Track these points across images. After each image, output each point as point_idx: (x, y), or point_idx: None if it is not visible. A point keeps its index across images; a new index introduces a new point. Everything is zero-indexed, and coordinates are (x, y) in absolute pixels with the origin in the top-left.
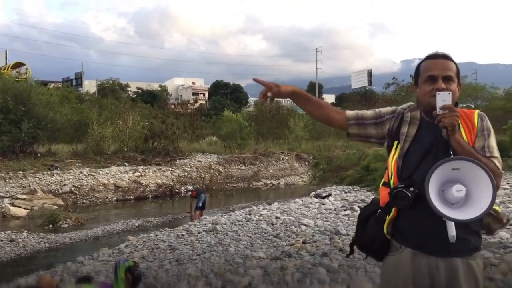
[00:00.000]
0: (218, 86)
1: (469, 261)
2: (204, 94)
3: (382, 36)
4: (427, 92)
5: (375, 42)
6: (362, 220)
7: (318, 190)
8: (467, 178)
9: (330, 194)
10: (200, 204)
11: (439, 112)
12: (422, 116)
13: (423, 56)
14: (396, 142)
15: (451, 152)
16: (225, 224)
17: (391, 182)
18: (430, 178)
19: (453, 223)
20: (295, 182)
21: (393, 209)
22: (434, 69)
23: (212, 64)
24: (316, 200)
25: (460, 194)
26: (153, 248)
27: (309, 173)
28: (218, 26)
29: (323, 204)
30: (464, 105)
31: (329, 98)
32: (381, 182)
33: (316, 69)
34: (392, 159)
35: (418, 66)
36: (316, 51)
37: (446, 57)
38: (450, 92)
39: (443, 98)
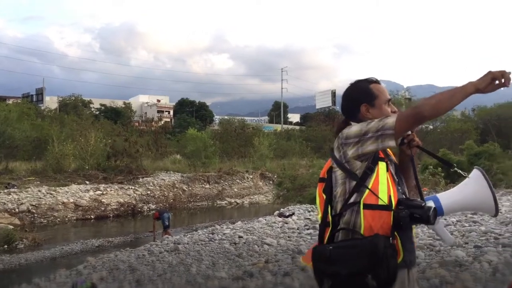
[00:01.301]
0: (184, 104)
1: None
2: (169, 112)
3: (347, 57)
4: (388, 114)
5: (339, 63)
6: (381, 254)
7: (281, 209)
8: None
9: (293, 213)
10: (167, 223)
11: (409, 132)
12: None
13: (387, 78)
14: (384, 163)
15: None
16: (187, 243)
17: (393, 204)
18: (489, 183)
19: (445, 229)
20: (259, 201)
21: (395, 233)
22: (387, 93)
23: (178, 82)
24: (280, 219)
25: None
26: (112, 269)
27: (273, 192)
28: (185, 44)
29: (286, 223)
30: (424, 126)
31: (294, 118)
32: (362, 205)
33: (282, 88)
34: (388, 180)
35: (368, 88)
36: (282, 71)
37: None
38: None
39: None
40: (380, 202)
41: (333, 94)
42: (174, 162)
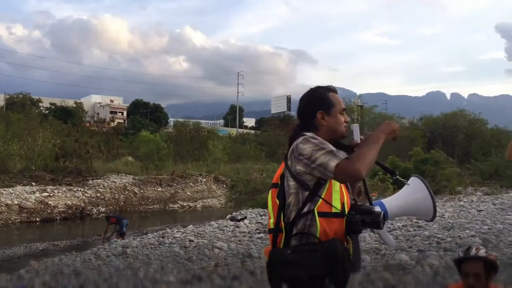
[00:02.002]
0: (138, 105)
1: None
2: (122, 113)
3: (303, 63)
4: (342, 123)
5: (296, 69)
6: (339, 258)
7: (234, 213)
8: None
9: (245, 217)
10: (124, 230)
11: (359, 142)
12: None
13: (340, 85)
14: None
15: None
16: (136, 247)
17: (346, 210)
18: (430, 190)
19: (388, 233)
20: (212, 204)
21: (348, 238)
22: (343, 103)
23: (133, 82)
24: (231, 223)
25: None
26: (56, 274)
27: (226, 196)
28: (141, 45)
29: (238, 227)
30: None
31: (250, 122)
32: (317, 213)
33: (238, 92)
34: (342, 188)
35: (326, 96)
36: (238, 75)
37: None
38: (358, 125)
39: (357, 130)
40: (333, 210)
41: (289, 99)
42: (126, 164)
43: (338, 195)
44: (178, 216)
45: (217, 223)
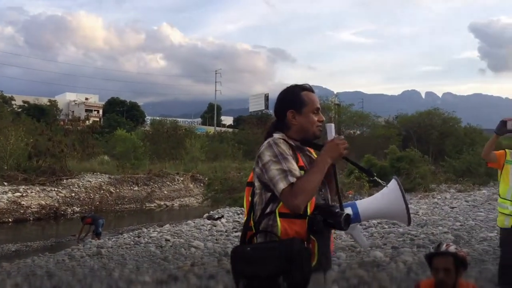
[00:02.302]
0: (114, 104)
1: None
2: (98, 111)
3: (281, 62)
4: (314, 122)
5: (274, 67)
6: (295, 257)
7: (211, 212)
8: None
9: (222, 216)
10: (100, 230)
11: None
12: (296, 144)
13: (318, 84)
14: (302, 172)
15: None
16: (111, 247)
17: (308, 210)
18: (403, 193)
19: (362, 234)
20: (189, 203)
21: (311, 237)
22: (318, 102)
23: (109, 80)
24: (208, 221)
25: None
26: (28, 275)
27: (203, 194)
28: (117, 42)
29: (215, 226)
30: (352, 131)
31: (228, 120)
32: (278, 214)
33: (215, 90)
34: None
35: (298, 94)
36: (216, 73)
37: (315, 91)
38: (333, 124)
39: (332, 129)
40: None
41: (266, 97)
42: (101, 163)
43: None
44: (155, 216)
45: (194, 222)
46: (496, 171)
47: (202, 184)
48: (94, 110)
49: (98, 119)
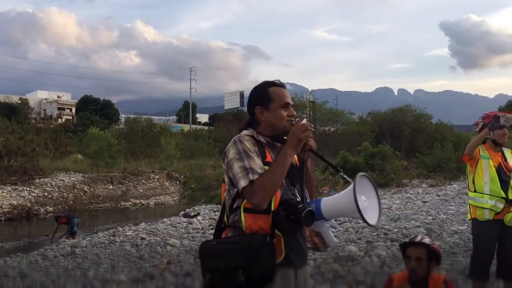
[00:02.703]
0: (87, 102)
1: (306, 267)
2: (71, 109)
3: (256, 59)
4: (283, 117)
5: (249, 64)
6: (254, 251)
7: (187, 210)
8: (365, 192)
9: (198, 214)
10: (75, 229)
11: None
12: (267, 140)
13: (293, 81)
14: (268, 167)
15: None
16: (85, 247)
17: (272, 206)
18: (355, 192)
19: (331, 232)
20: (165, 201)
21: (277, 233)
22: (287, 97)
23: (82, 78)
24: (184, 219)
25: (365, 204)
26: (0, 276)
27: (179, 193)
28: (90, 39)
29: (191, 224)
30: (327, 128)
31: (203, 118)
32: (243, 209)
33: (190, 88)
34: None
35: (265, 90)
36: (190, 71)
37: (285, 86)
38: (306, 117)
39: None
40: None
41: (242, 95)
42: (75, 162)
43: None
44: (130, 214)
45: (170, 220)
46: (465, 165)
47: (178, 182)
48: (67, 108)
49: (71, 118)
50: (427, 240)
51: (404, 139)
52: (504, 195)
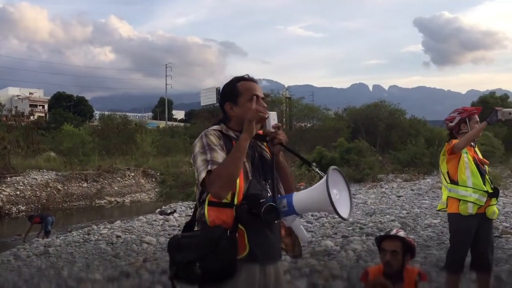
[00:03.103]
0: (60, 98)
1: (280, 264)
2: (43, 106)
3: (233, 55)
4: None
5: (226, 60)
6: (212, 245)
7: (163, 207)
8: (336, 185)
9: (175, 211)
10: (49, 228)
11: (272, 130)
12: (237, 135)
13: (269, 77)
14: None
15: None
16: (59, 246)
17: (235, 200)
18: (328, 185)
19: (302, 227)
20: (141, 199)
21: (241, 228)
22: (257, 90)
23: (55, 74)
24: (161, 217)
25: (337, 197)
26: None
27: (156, 190)
28: (63, 35)
29: (167, 221)
30: (303, 124)
31: (179, 115)
32: (207, 203)
33: (166, 84)
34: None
35: (234, 85)
36: (166, 67)
37: (256, 81)
38: (276, 113)
39: (273, 118)
40: (224, 200)
41: (218, 91)
42: (48, 160)
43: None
44: (105, 212)
45: (146, 218)
46: (438, 159)
47: (153, 179)
48: (39, 105)
49: (43, 115)
50: (402, 233)
51: (379, 135)
52: (485, 189)
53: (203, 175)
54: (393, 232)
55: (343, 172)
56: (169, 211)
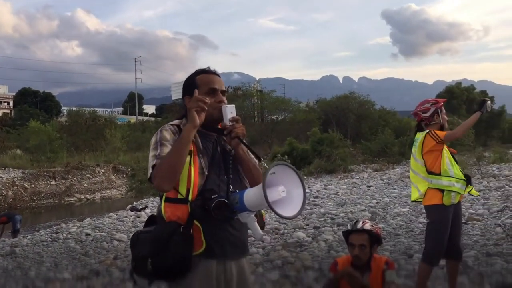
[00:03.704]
0: (26, 94)
1: (246, 259)
2: (8, 103)
3: (203, 48)
4: (210, 105)
5: (197, 54)
6: (164, 241)
7: (134, 203)
8: (283, 181)
9: (146, 207)
10: (18, 227)
11: (229, 123)
12: (199, 130)
13: (240, 70)
14: (188, 156)
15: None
16: (26, 246)
17: (190, 196)
18: (266, 181)
19: (257, 224)
20: (112, 195)
21: (196, 223)
22: (215, 83)
23: (20, 70)
24: (132, 213)
25: (283, 194)
26: None
27: (127, 186)
28: (28, 29)
29: (139, 217)
30: (274, 117)
31: (150, 109)
32: (164, 199)
33: (136, 79)
34: (191, 174)
35: (193, 79)
36: (135, 61)
37: (217, 74)
38: (234, 105)
39: (231, 111)
40: (179, 196)
41: None
42: (14, 158)
43: (184, 182)
44: (75, 210)
45: (116, 214)
46: (407, 149)
47: (124, 175)
48: (4, 102)
49: (8, 111)
50: (368, 225)
51: (349, 126)
52: (464, 178)
53: (150, 170)
54: (360, 224)
55: (294, 167)
56: (140, 207)
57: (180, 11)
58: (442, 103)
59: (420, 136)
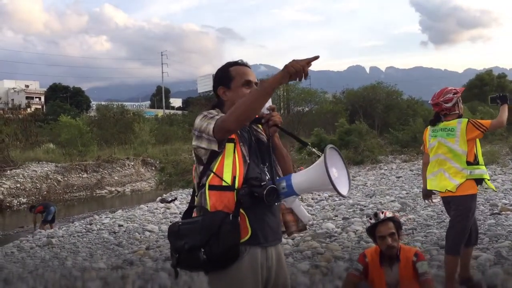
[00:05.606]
0: (57, 90)
1: (280, 245)
2: (40, 98)
3: (230, 41)
4: (243, 96)
5: (223, 47)
6: (214, 230)
7: (164, 195)
8: (335, 164)
9: (175, 198)
10: (50, 218)
11: (267, 112)
12: None
13: (266, 62)
14: (232, 144)
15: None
16: (62, 236)
17: (236, 183)
18: (326, 163)
19: (303, 207)
20: (141, 188)
21: (242, 212)
22: (249, 75)
23: (51, 66)
24: (162, 205)
25: (336, 175)
26: None
27: (156, 178)
28: (58, 25)
29: (168, 209)
30: (300, 108)
31: (177, 102)
32: (208, 187)
33: (162, 73)
34: (236, 161)
35: (226, 70)
36: (162, 55)
37: (249, 66)
38: (271, 104)
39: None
40: (224, 184)
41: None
42: (47, 152)
43: (229, 169)
44: (106, 202)
45: (147, 206)
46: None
47: (153, 168)
48: (36, 97)
49: (40, 107)
50: (388, 213)
51: (377, 116)
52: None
53: (212, 125)
54: (382, 215)
55: (339, 151)
56: (169, 199)
57: (204, 4)
58: (460, 93)
59: (456, 124)
